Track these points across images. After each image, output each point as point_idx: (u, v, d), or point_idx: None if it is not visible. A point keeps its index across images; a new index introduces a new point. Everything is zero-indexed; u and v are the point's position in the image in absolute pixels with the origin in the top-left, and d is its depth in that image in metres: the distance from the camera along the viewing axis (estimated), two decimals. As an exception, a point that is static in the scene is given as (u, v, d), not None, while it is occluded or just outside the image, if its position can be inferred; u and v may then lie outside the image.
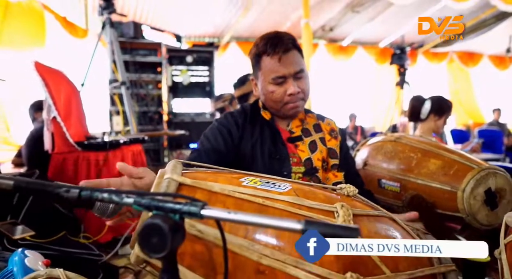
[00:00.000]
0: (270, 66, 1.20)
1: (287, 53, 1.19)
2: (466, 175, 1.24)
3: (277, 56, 1.18)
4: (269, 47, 1.20)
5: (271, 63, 1.20)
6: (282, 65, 1.19)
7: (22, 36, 3.80)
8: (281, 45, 1.19)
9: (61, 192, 0.60)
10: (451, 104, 2.43)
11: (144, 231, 0.51)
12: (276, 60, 1.18)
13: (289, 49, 1.20)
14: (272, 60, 1.19)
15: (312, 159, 1.25)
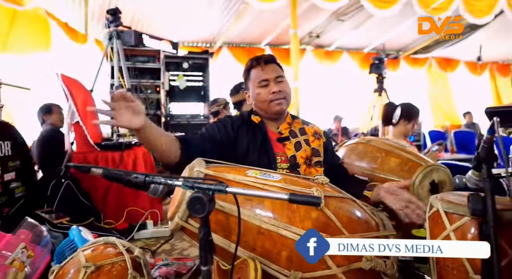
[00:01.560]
0: (255, 74, 1.57)
1: (268, 64, 1.57)
2: (416, 170, 1.59)
3: (260, 66, 1.56)
4: (254, 61, 1.59)
5: (256, 72, 1.57)
6: (264, 72, 1.55)
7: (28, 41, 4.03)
8: (263, 58, 1.59)
9: (132, 178, 0.91)
10: (419, 110, 2.79)
11: (192, 200, 0.82)
12: (260, 69, 1.55)
13: (269, 61, 1.58)
14: (256, 70, 1.56)
15: (296, 156, 1.57)
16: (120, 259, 1.03)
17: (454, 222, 1.00)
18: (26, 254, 1.04)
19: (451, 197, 1.09)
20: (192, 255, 1.75)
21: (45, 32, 4.19)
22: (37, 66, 4.07)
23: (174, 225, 1.03)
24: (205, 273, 0.85)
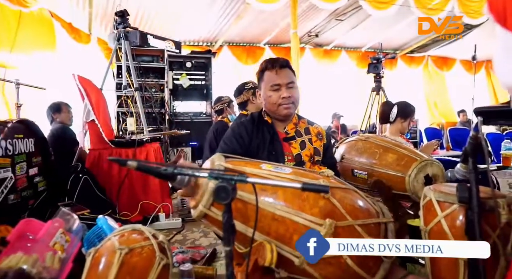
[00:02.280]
0: (269, 77, 1.67)
1: (282, 68, 1.67)
2: (411, 165, 1.72)
3: (275, 70, 1.66)
4: (269, 64, 1.69)
5: (270, 75, 1.67)
6: (278, 77, 1.65)
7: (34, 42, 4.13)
8: (278, 63, 1.68)
9: (162, 170, 1.04)
10: (414, 109, 2.91)
11: (218, 189, 0.94)
12: (274, 73, 1.66)
13: (284, 66, 1.68)
14: (271, 73, 1.67)
15: (301, 155, 1.70)
16: (148, 244, 1.16)
17: (445, 209, 1.13)
18: (65, 238, 1.17)
19: (442, 187, 1.22)
20: (203, 244, 1.88)
21: (50, 32, 4.28)
22: (45, 66, 4.16)
23: (198, 212, 1.15)
24: (228, 252, 0.98)
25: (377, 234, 1.20)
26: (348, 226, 1.14)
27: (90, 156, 2.36)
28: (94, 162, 2.35)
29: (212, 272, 1.50)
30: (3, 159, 1.57)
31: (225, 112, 3.51)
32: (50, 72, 4.25)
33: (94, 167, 2.33)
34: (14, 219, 1.47)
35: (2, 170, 1.57)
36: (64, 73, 2.30)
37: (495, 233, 1.06)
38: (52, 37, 4.32)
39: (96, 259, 1.10)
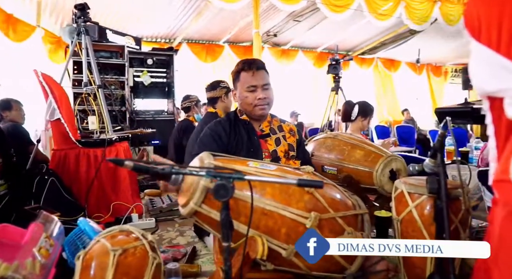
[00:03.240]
0: (245, 78, 1.71)
1: (258, 70, 1.73)
2: (378, 161, 1.87)
3: (251, 71, 1.71)
4: (246, 65, 1.73)
5: (246, 76, 1.71)
6: (254, 78, 1.71)
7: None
8: (255, 64, 1.73)
9: (159, 170, 1.05)
10: (373, 108, 3.14)
11: (217, 187, 0.98)
12: (251, 74, 1.71)
13: (260, 68, 1.74)
14: (247, 74, 1.71)
15: (277, 151, 1.78)
16: (140, 243, 1.16)
17: (415, 200, 1.27)
18: (49, 242, 1.12)
19: (411, 180, 1.36)
20: (181, 243, 1.88)
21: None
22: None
23: (188, 209, 1.17)
24: (226, 248, 1.02)
25: (355, 224, 1.31)
26: (331, 218, 1.23)
27: (54, 156, 2.23)
28: (60, 163, 2.23)
29: (197, 269, 1.52)
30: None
31: (192, 111, 3.49)
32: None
33: (60, 168, 2.21)
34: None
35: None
36: (38, 71, 2.12)
37: (457, 218, 1.21)
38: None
39: (87, 262, 1.08)
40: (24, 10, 4.55)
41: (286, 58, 8.05)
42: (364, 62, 9.06)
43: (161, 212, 2.33)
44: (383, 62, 9.34)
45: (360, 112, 3.04)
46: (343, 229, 1.24)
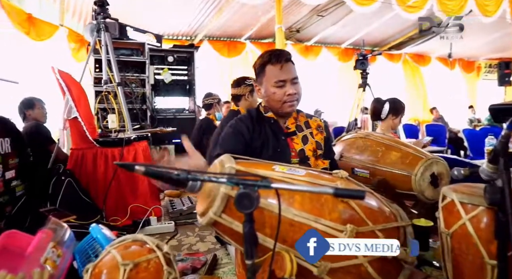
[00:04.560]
0: (273, 72, 1.54)
1: (287, 63, 1.56)
2: (418, 163, 1.68)
3: (280, 64, 1.53)
4: (273, 57, 1.54)
5: (274, 70, 1.54)
6: (283, 72, 1.54)
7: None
8: (282, 56, 1.55)
9: (173, 175, 0.92)
10: (404, 105, 2.92)
11: (240, 196, 0.84)
12: (279, 68, 1.53)
13: (288, 60, 1.57)
14: (274, 68, 1.54)
15: (305, 150, 1.63)
16: (154, 256, 1.04)
17: (469, 211, 1.09)
18: (56, 253, 1.03)
19: (463, 188, 1.18)
20: (201, 250, 1.77)
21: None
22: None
23: (207, 219, 1.05)
24: (250, 266, 0.88)
25: (397, 238, 1.14)
26: (369, 232, 1.07)
27: (72, 156, 2.18)
28: (77, 163, 2.17)
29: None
30: (-24, 162, 1.39)
31: (213, 109, 3.39)
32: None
33: (77, 168, 2.15)
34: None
35: (-25, 175, 1.39)
36: (55, 67, 2.07)
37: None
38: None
39: (96, 276, 0.98)
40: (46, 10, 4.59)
41: (310, 55, 7.83)
42: (392, 57, 8.70)
43: (181, 215, 2.23)
44: (411, 57, 8.95)
45: (391, 110, 2.83)
46: (382, 245, 1.08)
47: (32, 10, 4.51)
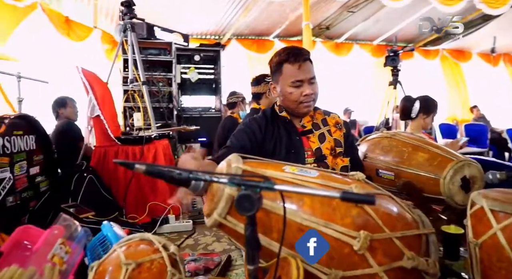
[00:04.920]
0: (290, 71, 1.48)
1: (305, 62, 1.49)
2: (447, 166, 1.56)
3: (298, 64, 1.47)
4: (291, 56, 1.48)
5: (291, 69, 1.48)
6: (301, 71, 1.48)
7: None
8: (301, 55, 1.49)
9: (175, 175, 0.89)
10: (437, 104, 2.74)
11: (240, 198, 0.80)
12: (297, 67, 1.47)
13: (306, 59, 1.50)
14: (292, 67, 1.48)
15: (321, 148, 1.56)
16: (158, 256, 1.03)
17: (501, 220, 0.98)
18: (64, 249, 1.04)
19: (495, 194, 1.06)
20: (217, 250, 1.75)
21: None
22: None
23: (212, 221, 1.01)
24: (251, 272, 0.84)
25: (418, 247, 1.05)
26: (386, 239, 0.99)
27: (95, 154, 2.24)
28: (100, 160, 2.23)
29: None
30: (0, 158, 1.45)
31: (237, 107, 3.37)
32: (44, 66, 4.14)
33: (100, 165, 2.21)
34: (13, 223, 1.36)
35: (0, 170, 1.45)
36: (79, 66, 2.15)
37: None
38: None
39: (100, 275, 0.97)
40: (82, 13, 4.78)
41: (340, 52, 7.63)
42: (428, 54, 8.28)
43: (200, 214, 2.23)
44: (450, 53, 8.46)
45: (422, 108, 2.68)
46: (401, 252, 0.99)
47: (68, 13, 4.72)
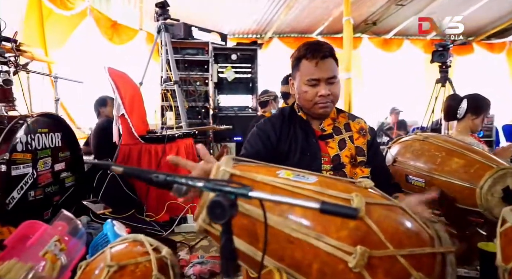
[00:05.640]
0: (307, 69, 1.38)
1: (324, 59, 1.37)
2: (485, 174, 1.36)
3: (315, 61, 1.36)
4: (309, 52, 1.37)
5: (308, 66, 1.38)
6: (318, 70, 1.37)
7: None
8: (320, 52, 1.37)
9: (153, 177, 0.86)
10: (489, 102, 2.44)
11: (211, 205, 0.74)
12: (314, 64, 1.36)
13: (326, 56, 1.38)
14: (310, 64, 1.37)
15: (340, 155, 1.43)
16: (145, 259, 1.00)
17: (534, 243, 0.81)
18: (59, 247, 1.06)
19: (531, 211, 0.89)
20: (228, 253, 1.70)
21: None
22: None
23: (197, 227, 0.96)
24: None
25: (431, 268, 0.90)
26: (389, 257, 0.86)
27: (121, 151, 2.32)
28: (124, 158, 2.30)
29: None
30: (22, 154, 1.54)
31: (269, 106, 3.31)
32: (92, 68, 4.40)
33: (124, 163, 2.28)
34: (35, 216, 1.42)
35: (22, 166, 1.54)
36: (106, 66, 2.26)
37: None
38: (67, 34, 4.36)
39: (85, 275, 0.97)
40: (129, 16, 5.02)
41: (389, 49, 7.22)
42: (492, 47, 7.51)
43: (219, 214, 2.18)
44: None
45: (470, 108, 2.39)
46: (408, 273, 0.86)
47: (117, 17, 5.00)
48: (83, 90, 3.74)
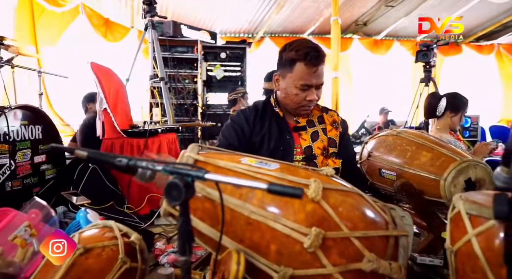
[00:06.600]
0: (302, 73, 1.38)
1: (321, 66, 1.40)
2: (449, 166, 1.40)
3: (314, 68, 1.37)
4: (311, 58, 1.36)
5: (304, 71, 1.37)
6: (314, 77, 1.39)
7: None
8: (320, 59, 1.38)
9: (115, 161, 0.89)
10: (467, 101, 2.50)
11: (168, 186, 0.77)
12: (311, 71, 1.37)
13: (322, 63, 1.41)
14: (307, 70, 1.37)
15: (312, 147, 1.48)
16: (113, 243, 1.03)
17: (477, 225, 0.85)
18: (29, 232, 1.08)
19: (477, 196, 0.93)
20: (205, 244, 1.74)
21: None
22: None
23: (162, 210, 1.00)
24: (183, 263, 0.80)
25: (383, 250, 0.94)
26: (343, 239, 0.91)
27: (103, 145, 2.34)
28: (107, 151, 2.32)
29: (199, 278, 1.34)
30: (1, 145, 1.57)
31: (238, 104, 3.34)
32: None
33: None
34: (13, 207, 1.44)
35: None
36: (89, 61, 2.28)
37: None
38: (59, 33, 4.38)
39: (52, 257, 0.99)
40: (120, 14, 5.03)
41: (380, 50, 7.29)
42: (481, 49, 7.61)
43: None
44: (507, 49, 7.72)
45: (448, 106, 2.46)
46: (360, 254, 0.90)
47: (109, 15, 5.01)
48: (75, 88, 3.75)
